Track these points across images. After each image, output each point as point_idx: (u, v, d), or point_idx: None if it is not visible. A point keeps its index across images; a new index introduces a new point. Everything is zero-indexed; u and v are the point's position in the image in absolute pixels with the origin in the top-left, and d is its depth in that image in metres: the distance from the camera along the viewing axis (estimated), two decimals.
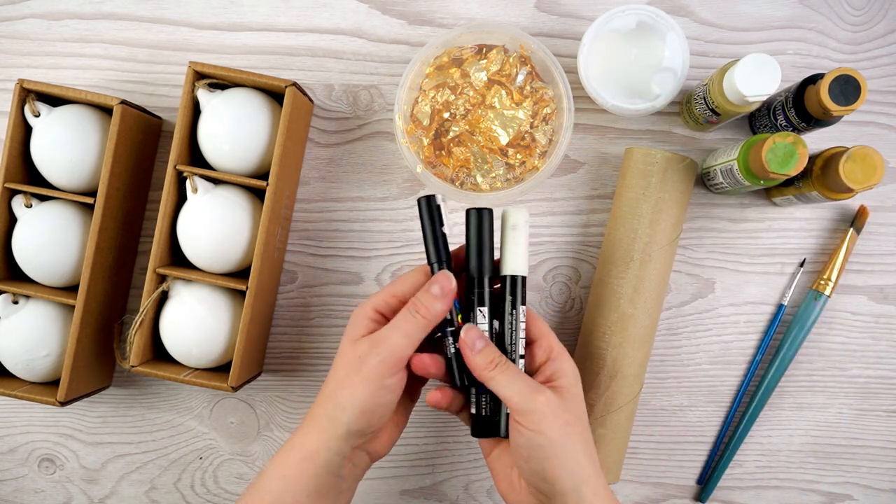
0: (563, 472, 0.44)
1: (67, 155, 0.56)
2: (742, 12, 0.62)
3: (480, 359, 0.47)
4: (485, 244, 0.49)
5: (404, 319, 0.46)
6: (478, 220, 0.49)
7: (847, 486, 0.62)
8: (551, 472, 0.44)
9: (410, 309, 0.47)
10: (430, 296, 0.47)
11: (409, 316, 0.46)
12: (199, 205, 0.56)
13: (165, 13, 0.64)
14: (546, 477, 0.44)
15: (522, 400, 0.45)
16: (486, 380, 0.46)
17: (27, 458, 0.64)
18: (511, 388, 0.45)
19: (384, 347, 0.46)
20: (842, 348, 0.62)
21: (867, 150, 0.50)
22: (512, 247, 0.50)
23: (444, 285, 0.47)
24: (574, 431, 0.45)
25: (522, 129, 0.59)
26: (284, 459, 0.47)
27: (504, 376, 0.46)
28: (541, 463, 0.44)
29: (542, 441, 0.44)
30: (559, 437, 0.44)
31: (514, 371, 0.46)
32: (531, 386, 0.46)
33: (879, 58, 0.62)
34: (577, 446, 0.45)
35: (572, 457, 0.44)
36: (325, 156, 0.64)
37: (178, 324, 0.57)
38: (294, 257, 0.64)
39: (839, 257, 0.60)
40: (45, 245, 0.56)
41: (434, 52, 0.59)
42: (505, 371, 0.46)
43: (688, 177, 0.58)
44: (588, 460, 0.45)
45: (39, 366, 0.58)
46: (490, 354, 0.47)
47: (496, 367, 0.46)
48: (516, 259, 0.49)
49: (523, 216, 0.50)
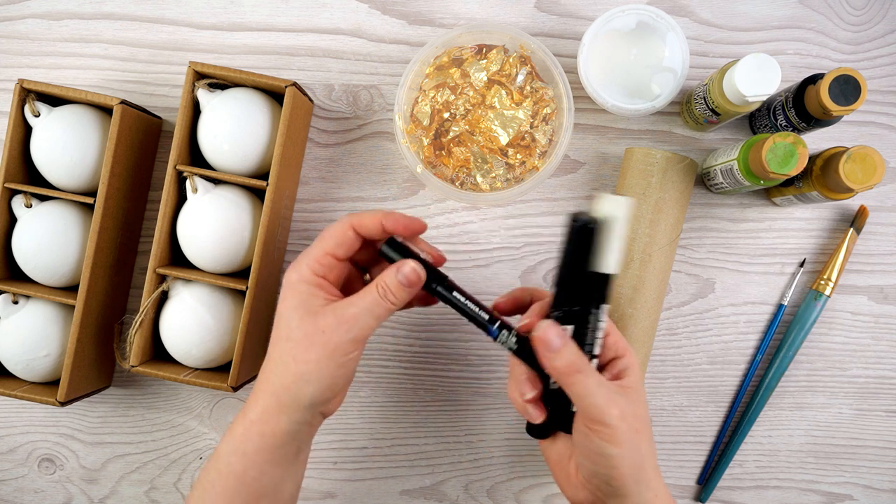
0: (630, 478, 0.44)
1: (67, 155, 0.56)
2: (742, 12, 0.62)
3: (561, 362, 0.44)
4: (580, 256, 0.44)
5: (375, 303, 0.45)
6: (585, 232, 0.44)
7: (847, 486, 0.63)
8: (618, 479, 0.44)
9: (382, 294, 0.46)
10: (398, 284, 0.46)
11: (380, 300, 0.46)
12: (199, 205, 0.56)
13: (165, 13, 0.64)
14: (611, 482, 0.44)
15: (600, 413, 0.43)
16: (565, 385, 0.44)
17: (27, 458, 0.64)
18: (590, 398, 0.43)
19: (354, 326, 0.45)
20: (842, 348, 0.62)
21: (867, 150, 0.50)
22: (608, 239, 0.44)
23: (410, 277, 0.46)
24: (642, 438, 0.44)
25: (522, 129, 0.59)
26: (244, 435, 0.46)
27: (585, 384, 0.44)
28: (607, 469, 0.44)
29: (612, 452, 0.43)
30: (629, 447, 0.43)
31: (595, 377, 0.44)
32: (609, 397, 0.43)
33: (879, 58, 0.62)
34: (643, 451, 0.44)
35: (639, 463, 0.44)
36: (325, 156, 0.64)
37: (178, 324, 0.57)
38: (294, 257, 0.63)
39: (839, 257, 0.60)
40: (45, 245, 0.56)
41: (434, 52, 0.59)
42: (587, 378, 0.44)
43: (688, 177, 0.58)
44: (651, 463, 0.45)
45: (39, 366, 0.58)
46: (570, 356, 0.44)
47: (578, 372, 0.44)
48: (610, 254, 0.44)
49: (622, 208, 0.43)
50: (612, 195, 0.43)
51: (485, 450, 0.63)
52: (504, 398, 0.63)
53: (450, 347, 0.63)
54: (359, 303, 0.46)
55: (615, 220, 0.43)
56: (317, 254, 0.47)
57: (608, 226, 0.43)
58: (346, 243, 0.48)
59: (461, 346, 0.63)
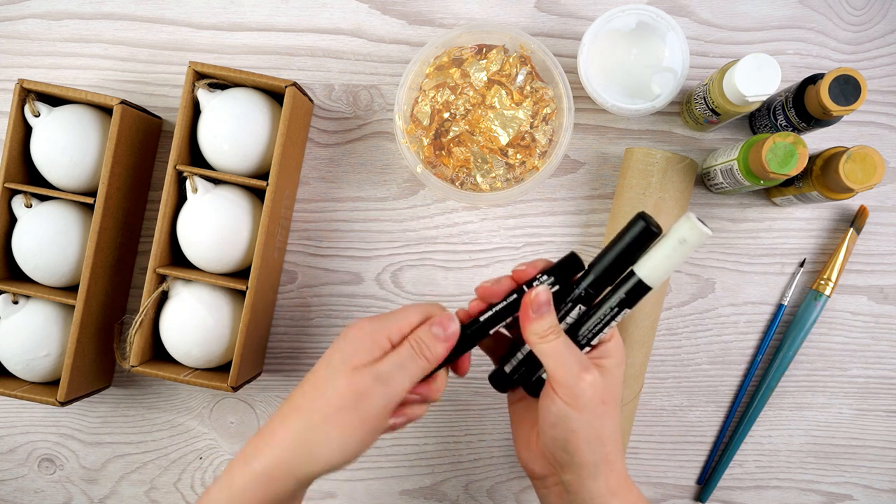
0: (586, 446, 0.44)
1: (67, 155, 0.56)
2: (742, 12, 0.62)
3: (538, 325, 0.44)
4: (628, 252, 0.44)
5: (412, 361, 0.43)
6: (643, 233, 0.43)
7: (847, 486, 0.62)
8: (574, 443, 0.44)
9: (416, 351, 0.43)
10: (433, 337, 0.44)
11: (417, 358, 0.43)
12: (199, 205, 0.56)
13: (165, 13, 0.64)
14: (567, 448, 0.44)
15: (569, 376, 0.43)
16: (537, 348, 0.44)
17: (27, 458, 0.64)
18: (559, 361, 0.44)
19: (392, 388, 0.42)
20: (842, 348, 0.62)
21: (867, 150, 0.50)
22: (665, 255, 0.43)
23: (446, 327, 0.44)
24: (606, 411, 0.44)
25: (522, 129, 0.59)
26: (243, 492, 0.42)
27: (555, 347, 0.44)
28: (566, 433, 0.44)
29: (573, 415, 0.43)
30: (591, 414, 0.43)
31: (566, 343, 0.44)
32: (580, 363, 0.44)
33: (879, 58, 0.62)
34: (606, 424, 0.44)
35: (598, 434, 0.44)
36: (325, 156, 0.64)
37: (178, 324, 0.57)
38: (294, 257, 0.64)
39: (839, 257, 0.60)
40: (45, 245, 0.56)
41: (434, 52, 0.59)
42: (557, 342, 0.44)
43: (688, 177, 0.58)
44: (612, 439, 0.45)
45: (39, 366, 0.58)
46: (549, 323, 0.44)
47: (548, 334, 0.44)
48: (659, 269, 0.43)
49: (699, 237, 0.41)
50: (699, 221, 0.41)
51: (485, 450, 0.63)
52: (504, 398, 0.63)
53: None
54: (392, 359, 0.43)
55: (685, 243, 0.42)
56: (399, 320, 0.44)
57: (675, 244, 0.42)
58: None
59: None
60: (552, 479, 0.47)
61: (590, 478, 0.44)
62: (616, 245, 0.44)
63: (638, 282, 0.44)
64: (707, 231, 0.41)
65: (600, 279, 0.45)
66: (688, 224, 0.41)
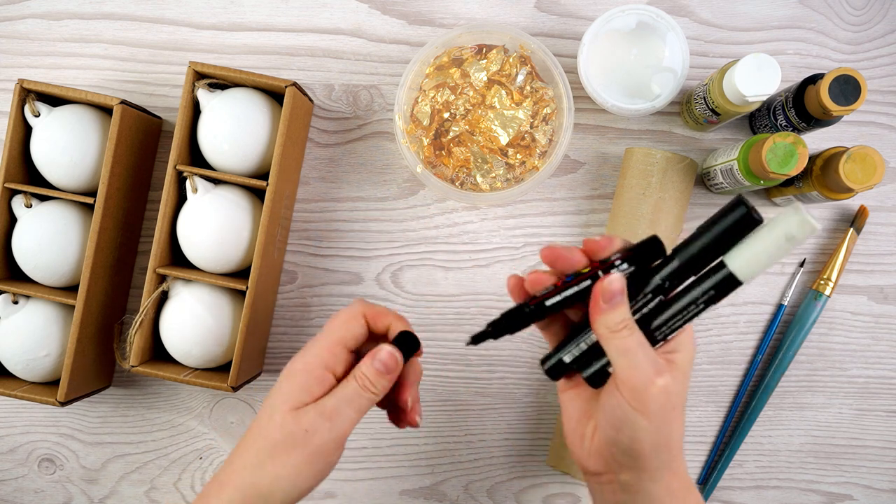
0: (652, 452, 0.41)
1: (67, 155, 0.56)
2: (742, 12, 0.62)
3: (610, 318, 0.40)
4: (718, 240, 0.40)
5: (357, 395, 0.43)
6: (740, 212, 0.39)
7: (847, 486, 0.62)
8: (639, 449, 0.41)
9: (361, 386, 0.43)
10: (376, 372, 0.43)
11: (362, 392, 0.43)
12: (199, 205, 0.56)
13: (165, 13, 0.64)
14: (631, 451, 0.41)
15: (640, 379, 0.40)
16: (607, 343, 0.41)
17: (27, 458, 0.64)
18: (630, 362, 0.40)
19: (338, 423, 0.42)
20: (842, 348, 0.62)
21: (867, 150, 0.50)
22: (765, 250, 0.38)
23: (388, 363, 0.43)
24: (675, 416, 0.41)
25: (522, 129, 0.59)
26: None
27: (627, 345, 0.40)
28: (631, 437, 0.41)
29: (640, 422, 0.40)
30: (660, 421, 0.40)
31: (639, 341, 0.40)
32: (654, 365, 0.40)
33: (879, 58, 0.62)
34: (674, 430, 0.41)
35: (666, 441, 0.41)
36: (325, 156, 0.64)
37: (178, 324, 0.57)
38: (294, 257, 0.64)
39: (839, 257, 0.60)
40: (45, 245, 0.56)
41: (434, 52, 0.59)
42: (630, 339, 0.40)
43: (688, 177, 0.58)
44: (677, 444, 0.42)
45: (39, 366, 0.58)
46: (622, 315, 0.40)
47: (622, 329, 0.40)
48: (755, 264, 0.39)
49: (808, 232, 0.37)
50: (808, 214, 0.37)
51: (485, 450, 0.63)
52: (504, 398, 0.63)
53: (450, 347, 0.63)
54: (338, 394, 0.43)
55: (792, 240, 0.37)
56: (328, 342, 0.44)
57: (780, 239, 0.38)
58: (359, 338, 0.45)
59: (461, 346, 0.63)
60: (607, 476, 0.43)
61: (651, 481, 0.42)
62: (709, 230, 0.40)
63: (729, 275, 0.39)
64: (817, 226, 0.37)
65: (685, 267, 0.41)
66: (797, 218, 0.37)
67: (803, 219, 0.36)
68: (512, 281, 0.44)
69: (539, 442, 0.63)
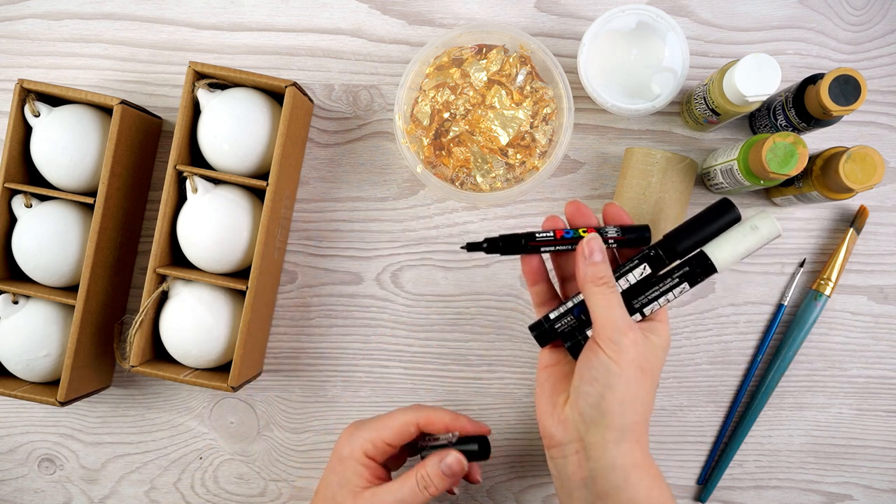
0: (620, 407, 0.43)
1: (67, 155, 0.56)
2: (742, 12, 0.62)
3: (592, 269, 0.46)
4: (705, 230, 0.47)
5: (412, 493, 0.47)
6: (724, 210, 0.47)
7: (847, 486, 0.62)
8: (609, 401, 0.43)
9: (420, 484, 0.47)
10: (440, 476, 0.48)
11: (417, 490, 0.47)
12: (199, 205, 0.56)
13: (165, 13, 0.64)
14: (601, 405, 0.44)
15: (614, 329, 0.44)
16: (589, 292, 0.45)
17: (27, 458, 0.64)
18: (607, 312, 0.45)
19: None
20: (842, 348, 0.62)
21: (867, 150, 0.50)
22: (736, 241, 0.46)
23: (455, 470, 0.48)
24: (644, 380, 0.44)
25: (522, 129, 0.59)
26: None
27: (605, 297, 0.45)
28: (603, 389, 0.44)
29: (614, 369, 0.43)
30: (630, 375, 0.44)
31: (618, 298, 0.45)
32: (626, 320, 0.45)
33: (879, 58, 0.62)
34: (641, 393, 0.44)
35: (633, 397, 0.44)
36: (325, 156, 0.64)
37: (178, 324, 0.57)
38: (294, 257, 0.64)
39: (839, 257, 0.60)
40: (45, 245, 0.56)
41: (434, 52, 0.59)
42: (609, 293, 0.45)
43: (688, 177, 0.58)
44: (643, 411, 0.44)
45: (39, 366, 0.58)
46: (603, 270, 0.46)
47: (603, 284, 0.45)
48: (728, 254, 0.46)
49: (772, 229, 0.45)
50: (772, 216, 0.45)
51: None
52: (504, 398, 0.63)
53: (450, 347, 0.63)
54: (396, 492, 0.47)
55: (756, 230, 0.45)
56: (374, 437, 0.49)
57: (747, 230, 0.45)
58: (406, 436, 0.50)
59: (461, 346, 0.63)
60: (572, 446, 0.46)
61: (614, 442, 0.44)
62: (695, 222, 0.47)
63: (705, 260, 0.46)
64: (778, 226, 0.45)
65: (670, 249, 0.47)
66: (761, 214, 0.45)
67: (768, 217, 0.45)
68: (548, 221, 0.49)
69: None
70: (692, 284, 0.47)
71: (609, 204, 0.49)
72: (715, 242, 0.46)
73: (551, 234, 0.48)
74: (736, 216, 0.46)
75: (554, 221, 0.49)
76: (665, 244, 0.47)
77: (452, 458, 0.48)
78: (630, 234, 0.48)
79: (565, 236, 0.48)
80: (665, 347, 0.47)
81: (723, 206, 0.47)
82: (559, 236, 0.48)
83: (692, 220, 0.47)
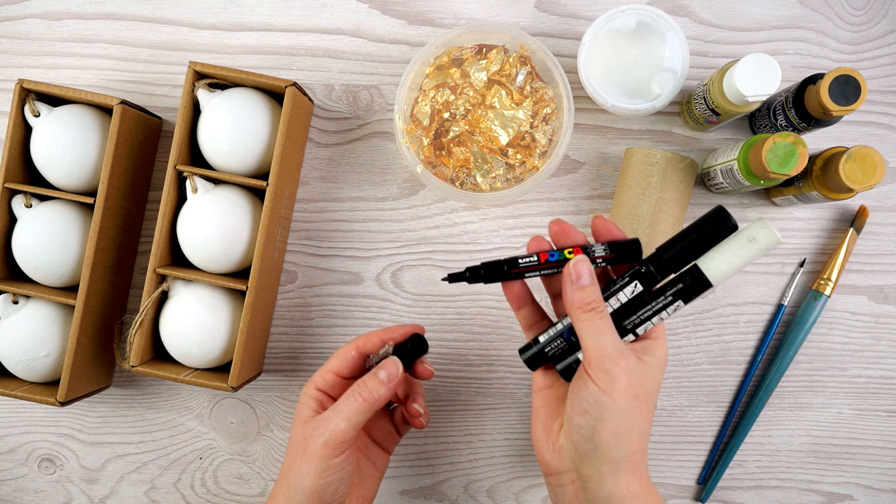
0: (613, 439, 0.42)
1: (67, 155, 0.56)
2: (742, 12, 0.62)
3: (580, 295, 0.43)
4: (699, 242, 0.44)
5: (346, 402, 0.48)
6: (719, 220, 0.43)
7: (847, 486, 0.63)
8: (602, 434, 0.42)
9: (354, 392, 0.48)
10: (377, 380, 0.48)
11: (352, 399, 0.48)
12: (199, 205, 0.56)
13: (165, 13, 0.64)
14: (594, 437, 0.42)
15: (604, 358, 0.42)
16: (577, 319, 0.43)
17: (27, 458, 0.64)
18: (596, 339, 0.43)
19: (325, 429, 0.47)
20: (842, 348, 0.62)
21: (867, 150, 0.50)
22: (732, 253, 0.42)
23: (391, 372, 0.49)
24: (639, 407, 0.42)
25: (522, 129, 0.59)
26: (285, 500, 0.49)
27: (595, 324, 0.43)
28: (594, 422, 0.42)
29: (606, 402, 0.42)
30: (623, 405, 0.42)
31: (608, 323, 0.43)
32: (618, 347, 0.43)
33: (879, 58, 0.62)
34: (637, 422, 0.43)
35: (627, 429, 0.42)
36: (325, 156, 0.64)
37: (178, 324, 0.57)
38: (294, 257, 0.64)
39: (839, 257, 0.60)
40: (45, 245, 0.56)
41: (434, 52, 0.59)
42: (598, 319, 0.43)
43: (688, 177, 0.58)
44: (640, 438, 0.43)
45: (39, 366, 0.58)
46: (592, 295, 0.43)
47: (592, 311, 0.43)
48: (724, 268, 0.43)
49: (771, 239, 0.41)
50: (770, 225, 0.42)
51: (485, 450, 0.63)
52: (504, 398, 0.63)
53: (450, 347, 0.63)
54: (339, 407, 0.48)
55: (753, 241, 0.42)
56: (322, 372, 0.51)
57: (744, 242, 0.42)
58: (349, 362, 0.51)
59: (461, 346, 0.63)
60: (568, 475, 0.45)
61: (610, 475, 0.42)
62: (689, 233, 0.44)
63: (699, 275, 0.43)
64: (778, 235, 0.41)
65: (662, 263, 0.44)
66: (759, 224, 0.41)
67: (766, 226, 0.41)
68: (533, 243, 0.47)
69: None
70: (686, 301, 0.44)
71: (597, 217, 0.47)
72: (710, 255, 0.43)
73: (535, 259, 0.46)
74: (732, 225, 0.43)
75: (539, 243, 0.47)
76: (656, 259, 0.44)
77: (387, 362, 0.49)
78: (619, 250, 0.45)
79: (550, 259, 0.46)
80: (662, 366, 0.45)
81: (718, 216, 0.43)
82: (544, 260, 0.46)
83: (685, 232, 0.44)
